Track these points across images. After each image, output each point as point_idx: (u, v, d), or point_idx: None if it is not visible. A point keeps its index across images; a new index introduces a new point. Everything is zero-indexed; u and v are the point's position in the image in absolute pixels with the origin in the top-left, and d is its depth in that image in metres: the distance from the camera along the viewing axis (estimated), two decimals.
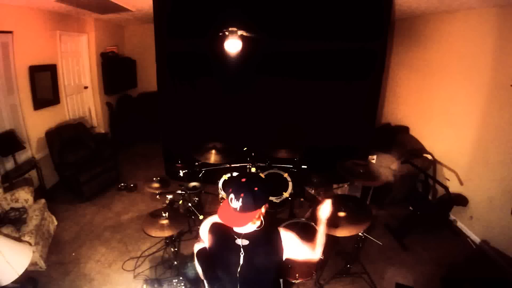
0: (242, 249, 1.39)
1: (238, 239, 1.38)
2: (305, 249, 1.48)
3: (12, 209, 3.06)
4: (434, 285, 2.79)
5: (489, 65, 3.19)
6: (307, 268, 2.45)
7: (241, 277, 1.42)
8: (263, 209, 1.36)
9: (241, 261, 1.39)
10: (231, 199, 1.30)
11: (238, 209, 1.28)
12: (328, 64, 3.87)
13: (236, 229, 1.39)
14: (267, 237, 1.41)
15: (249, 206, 1.28)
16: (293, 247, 1.44)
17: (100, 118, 5.74)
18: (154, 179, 3.05)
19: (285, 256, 1.42)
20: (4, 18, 3.49)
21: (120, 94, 6.20)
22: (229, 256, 1.41)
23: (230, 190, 1.32)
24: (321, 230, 1.55)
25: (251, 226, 1.37)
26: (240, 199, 1.27)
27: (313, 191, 3.28)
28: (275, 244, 1.40)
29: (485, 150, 3.30)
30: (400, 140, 4.50)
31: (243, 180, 1.34)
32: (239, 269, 1.40)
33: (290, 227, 2.74)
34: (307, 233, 1.61)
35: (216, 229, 1.47)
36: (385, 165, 3.91)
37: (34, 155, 4.13)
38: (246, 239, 1.39)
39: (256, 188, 1.30)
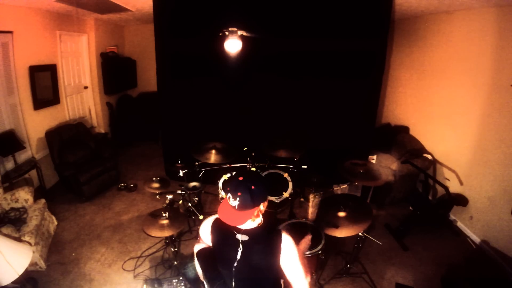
0: (241, 244, 1.39)
1: (238, 234, 1.40)
2: (299, 266, 1.43)
3: (12, 209, 3.06)
4: (434, 285, 2.79)
5: (489, 65, 3.19)
6: (307, 268, 2.45)
7: (237, 273, 1.43)
8: (261, 207, 1.37)
9: (238, 256, 1.40)
10: (229, 197, 1.32)
11: (236, 207, 1.31)
12: (328, 63, 3.86)
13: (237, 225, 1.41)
14: (268, 236, 1.41)
15: (247, 205, 1.30)
16: (289, 255, 1.40)
17: (100, 118, 5.74)
18: (154, 179, 3.06)
19: (281, 258, 1.39)
20: (4, 18, 3.49)
21: (120, 94, 6.20)
22: (229, 252, 1.42)
23: (228, 189, 1.34)
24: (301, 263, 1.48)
25: (251, 223, 1.39)
26: (238, 198, 1.29)
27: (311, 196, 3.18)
28: (274, 245, 1.39)
29: (485, 150, 3.30)
30: (400, 140, 4.50)
31: (240, 178, 1.34)
32: (235, 264, 1.41)
33: (290, 227, 2.74)
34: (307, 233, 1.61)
35: (217, 226, 1.49)
36: (385, 165, 3.91)
37: (34, 155, 4.13)
38: (246, 234, 1.40)
39: (253, 187, 1.31)
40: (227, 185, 1.37)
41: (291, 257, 1.40)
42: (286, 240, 1.40)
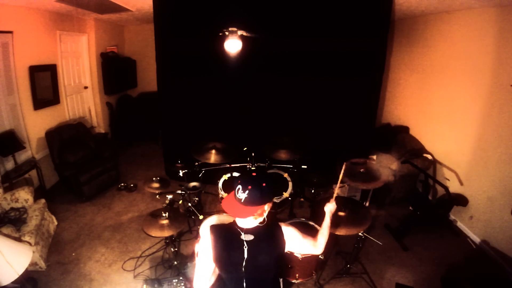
0: (246, 244, 1.40)
1: (242, 234, 1.40)
2: (307, 243, 1.51)
3: (12, 209, 3.06)
4: (434, 285, 2.79)
5: (489, 65, 3.19)
6: (307, 268, 2.45)
7: (247, 273, 1.43)
8: (266, 207, 1.39)
9: (246, 255, 1.40)
10: (238, 190, 1.33)
11: (242, 201, 1.31)
12: (328, 63, 3.87)
13: (240, 224, 1.42)
14: (270, 233, 1.44)
15: (254, 200, 1.31)
16: (295, 241, 1.47)
17: (100, 118, 5.74)
18: (154, 179, 3.06)
19: (286, 249, 1.45)
20: (4, 18, 3.49)
21: (120, 94, 6.20)
22: (235, 253, 1.42)
23: (239, 181, 1.35)
24: (327, 223, 1.61)
25: (253, 221, 1.40)
26: (247, 191, 1.30)
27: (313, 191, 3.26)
28: (277, 238, 1.42)
29: (485, 150, 3.30)
30: (400, 140, 4.50)
31: (254, 174, 1.38)
32: (244, 264, 1.41)
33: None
34: (307, 233, 1.62)
35: (218, 229, 1.47)
36: (385, 165, 3.91)
37: (34, 155, 4.13)
38: (251, 233, 1.40)
39: (264, 184, 1.33)
40: (239, 178, 1.39)
41: (297, 241, 1.47)
42: (287, 231, 1.45)
